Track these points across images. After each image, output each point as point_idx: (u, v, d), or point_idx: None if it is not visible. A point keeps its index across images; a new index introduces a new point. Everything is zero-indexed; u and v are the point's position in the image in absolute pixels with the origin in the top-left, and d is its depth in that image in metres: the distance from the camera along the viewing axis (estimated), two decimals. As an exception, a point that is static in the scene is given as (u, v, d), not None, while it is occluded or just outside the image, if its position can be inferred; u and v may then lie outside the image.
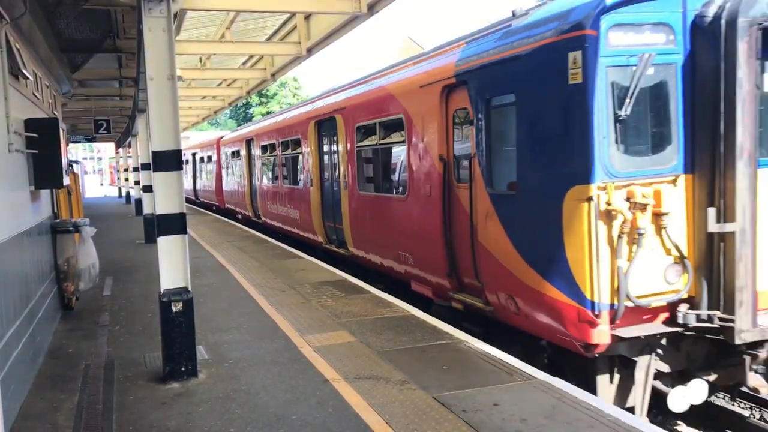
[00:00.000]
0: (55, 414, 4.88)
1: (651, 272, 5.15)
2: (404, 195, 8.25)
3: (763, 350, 5.09)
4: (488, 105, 6.30)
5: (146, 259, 12.26)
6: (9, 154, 5.28)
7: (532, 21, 5.86)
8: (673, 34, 5.16)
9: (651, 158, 5.22)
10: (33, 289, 6.06)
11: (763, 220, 4.96)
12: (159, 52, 5.34)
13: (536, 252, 5.64)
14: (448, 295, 7.32)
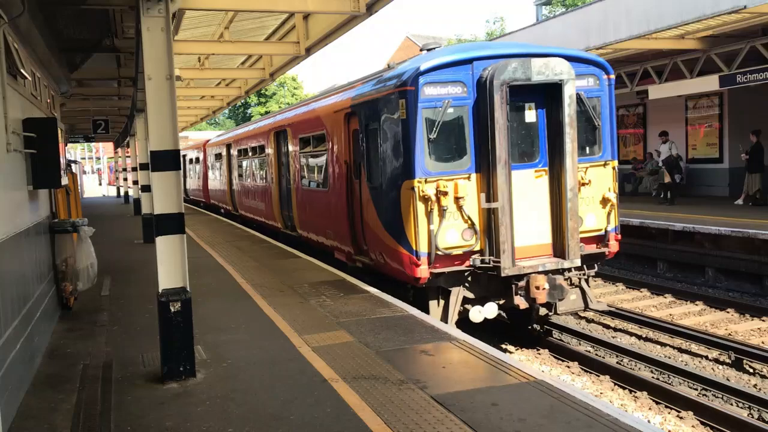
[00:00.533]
0: (53, 414, 4.87)
1: (452, 233, 7.82)
2: (326, 188, 10.96)
3: (522, 282, 7.77)
4: (367, 128, 9.06)
5: (144, 259, 12.25)
6: (7, 154, 5.27)
7: (388, 76, 8.70)
8: (465, 88, 7.88)
9: (453, 164, 7.94)
10: (31, 289, 6.06)
11: (515, 201, 7.71)
12: (157, 51, 5.33)
13: (390, 223, 8.35)
14: (353, 258, 9.86)
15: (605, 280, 12.81)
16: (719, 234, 12.17)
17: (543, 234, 8.01)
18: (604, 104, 8.36)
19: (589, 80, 8.29)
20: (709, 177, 18.76)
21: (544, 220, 8.03)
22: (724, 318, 9.94)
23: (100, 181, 61.64)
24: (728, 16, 12.22)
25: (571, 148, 7.72)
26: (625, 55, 16.63)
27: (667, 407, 6.80)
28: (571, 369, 8.09)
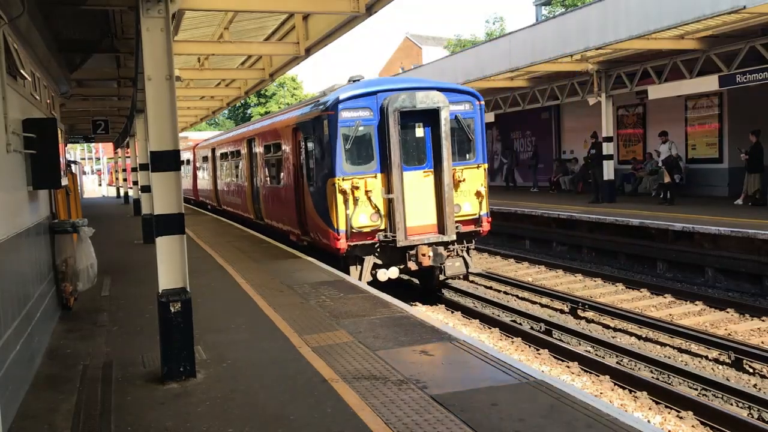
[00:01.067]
0: (53, 414, 4.87)
1: (363, 217, 10.49)
2: (282, 186, 13.71)
3: (413, 251, 10.48)
4: (306, 140, 11.87)
5: (144, 260, 12.25)
6: (7, 155, 5.27)
7: (319, 102, 11.62)
8: (372, 112, 10.59)
9: (363, 167, 10.58)
10: (31, 290, 6.06)
11: (409, 193, 10.43)
12: (157, 52, 5.33)
13: (321, 210, 11.05)
14: (301, 238, 12.70)
15: (605, 280, 12.82)
16: (719, 234, 12.17)
17: (429, 217, 10.77)
18: (477, 123, 11.15)
19: (465, 105, 11.10)
20: (708, 177, 18.77)
21: (430, 207, 10.77)
22: (723, 318, 9.95)
23: (100, 181, 61.62)
24: (728, 16, 12.22)
25: (447, 155, 10.49)
26: (624, 56, 16.64)
27: (667, 407, 6.80)
28: (571, 369, 8.10)
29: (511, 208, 18.57)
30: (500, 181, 28.47)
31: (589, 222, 15.55)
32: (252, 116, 61.76)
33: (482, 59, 19.51)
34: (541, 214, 17.22)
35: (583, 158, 21.40)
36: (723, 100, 18.04)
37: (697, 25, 13.14)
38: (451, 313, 11.09)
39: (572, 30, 15.59)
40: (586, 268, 14.13)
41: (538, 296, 11.91)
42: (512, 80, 20.57)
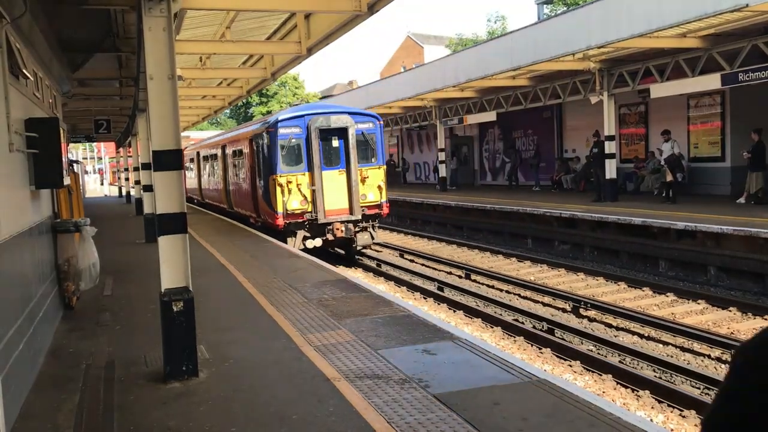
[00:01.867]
0: (56, 414, 4.88)
1: (295, 202, 14.42)
2: (244, 182, 18.03)
3: (330, 226, 14.54)
4: (258, 148, 16.07)
5: (147, 259, 12.26)
6: (9, 154, 5.27)
7: (267, 120, 16.31)
8: (301, 129, 14.69)
9: (295, 167, 14.58)
10: (34, 289, 6.06)
11: (327, 186, 14.48)
12: (159, 51, 5.33)
13: (267, 199, 15.13)
14: (256, 220, 17.02)
15: (607, 279, 12.81)
16: (721, 233, 12.15)
17: (342, 203, 14.86)
18: (377, 136, 15.41)
19: (369, 124, 15.38)
20: (711, 176, 18.74)
21: (343, 196, 14.86)
22: (726, 317, 9.93)
23: (102, 180, 61.67)
24: (730, 15, 12.20)
25: (354, 159, 14.70)
26: (626, 54, 16.62)
27: (669, 406, 6.79)
28: (573, 368, 8.09)
29: (513, 207, 18.56)
30: (502, 180, 28.46)
31: (591, 221, 15.54)
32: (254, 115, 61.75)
33: (484, 58, 19.49)
34: (543, 213, 17.21)
35: (585, 157, 21.39)
36: (725, 99, 18.01)
37: (699, 24, 13.11)
38: (453, 312, 11.10)
39: (574, 28, 15.58)
40: (588, 267, 14.12)
41: (540, 295, 11.90)
42: (514, 79, 20.55)
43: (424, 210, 24.08)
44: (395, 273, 14.69)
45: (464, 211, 21.41)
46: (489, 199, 21.59)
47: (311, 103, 26.89)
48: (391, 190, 28.10)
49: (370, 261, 16.43)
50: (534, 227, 17.96)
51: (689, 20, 12.60)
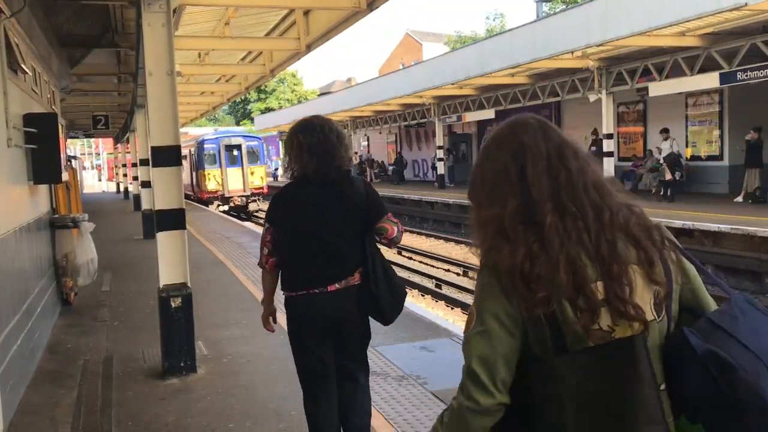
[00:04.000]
0: (54, 409, 4.88)
1: (213, 184, 27.46)
2: (188, 174, 29.33)
3: (232, 198, 26.61)
4: (194, 155, 28.45)
5: (145, 255, 12.25)
6: (8, 149, 5.26)
7: (199, 140, 29.03)
8: (216, 145, 27.17)
9: (214, 166, 27.26)
10: (31, 285, 6.06)
11: (229, 176, 26.68)
12: (158, 47, 5.32)
13: (199, 184, 27.78)
14: (194, 196, 27.73)
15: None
16: (719, 231, 12.18)
17: (239, 186, 26.28)
18: (261, 149, 28.01)
19: (255, 142, 28.25)
20: (709, 174, 18.77)
21: (240, 182, 26.34)
22: (723, 315, 9.95)
23: (99, 176, 61.60)
24: (729, 13, 12.20)
25: (245, 162, 26.58)
26: (625, 52, 16.63)
27: (666, 404, 6.81)
28: (571, 365, 8.10)
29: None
30: (500, 177, 28.44)
31: (589, 219, 15.53)
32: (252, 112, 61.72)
33: (483, 56, 19.48)
34: (541, 210, 17.21)
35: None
36: (723, 98, 18.03)
37: (698, 22, 13.12)
38: (451, 309, 11.11)
39: (573, 27, 15.56)
40: (586, 265, 14.14)
41: (538, 293, 11.92)
42: (513, 77, 20.54)
43: (422, 207, 24.09)
44: (393, 270, 14.69)
45: (462, 208, 21.42)
46: (487, 196, 21.57)
47: (223, 129, 38.88)
48: (391, 188, 28.42)
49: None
50: (532, 225, 17.95)
51: (688, 19, 12.60)
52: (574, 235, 1.37)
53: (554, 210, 1.38)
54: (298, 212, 3.19)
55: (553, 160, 1.42)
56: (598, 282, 1.34)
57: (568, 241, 1.36)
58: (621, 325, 1.34)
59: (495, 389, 1.45)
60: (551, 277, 1.33)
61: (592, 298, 1.33)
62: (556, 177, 1.40)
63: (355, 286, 3.20)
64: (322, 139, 3.16)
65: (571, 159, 1.43)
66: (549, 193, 1.39)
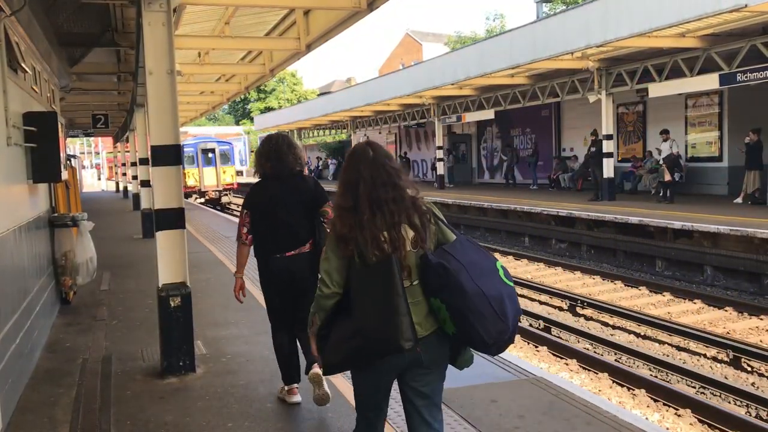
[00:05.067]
0: (53, 408, 4.88)
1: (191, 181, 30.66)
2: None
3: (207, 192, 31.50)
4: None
5: (144, 254, 12.26)
6: (7, 148, 5.26)
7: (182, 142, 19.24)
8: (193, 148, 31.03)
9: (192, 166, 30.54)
10: (31, 284, 6.06)
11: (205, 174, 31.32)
12: (158, 46, 5.32)
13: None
14: None
15: (604, 278, 12.83)
16: (718, 232, 12.18)
17: (213, 182, 30.77)
18: (232, 152, 32.94)
19: (227, 146, 32.49)
20: (708, 175, 18.78)
21: (214, 179, 30.79)
22: (722, 316, 9.96)
23: (99, 175, 61.56)
24: (729, 15, 12.21)
25: (218, 162, 30.94)
26: (625, 53, 16.63)
27: (665, 405, 6.82)
28: (570, 366, 8.12)
29: (511, 205, 18.58)
30: (500, 178, 28.48)
31: (588, 220, 15.56)
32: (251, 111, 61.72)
33: (483, 56, 19.49)
34: (541, 211, 17.23)
35: (583, 156, 21.41)
36: (723, 99, 18.04)
37: (698, 23, 13.12)
38: (450, 309, 11.11)
39: (573, 27, 15.57)
40: (585, 266, 14.15)
41: (536, 293, 11.92)
42: (513, 77, 20.54)
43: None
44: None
45: (461, 208, 21.43)
46: (486, 197, 21.61)
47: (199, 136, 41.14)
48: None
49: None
50: (531, 225, 17.98)
51: (688, 20, 12.61)
52: (378, 221, 2.64)
53: (369, 207, 2.65)
54: (264, 201, 4.44)
55: (373, 177, 2.69)
56: (385, 233, 2.64)
57: (372, 224, 2.64)
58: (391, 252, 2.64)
59: (331, 284, 2.71)
60: (361, 241, 2.63)
61: (380, 245, 2.63)
62: (373, 188, 2.67)
63: (306, 252, 4.44)
64: (275, 148, 4.41)
65: (383, 174, 2.69)
66: (367, 197, 2.66)
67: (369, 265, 2.63)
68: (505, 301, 2.57)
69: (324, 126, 41.98)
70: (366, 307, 2.63)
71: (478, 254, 2.66)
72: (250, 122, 60.18)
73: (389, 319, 2.57)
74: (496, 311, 2.53)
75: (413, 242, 2.66)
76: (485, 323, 2.53)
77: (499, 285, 2.59)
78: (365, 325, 2.62)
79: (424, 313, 2.66)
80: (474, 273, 2.56)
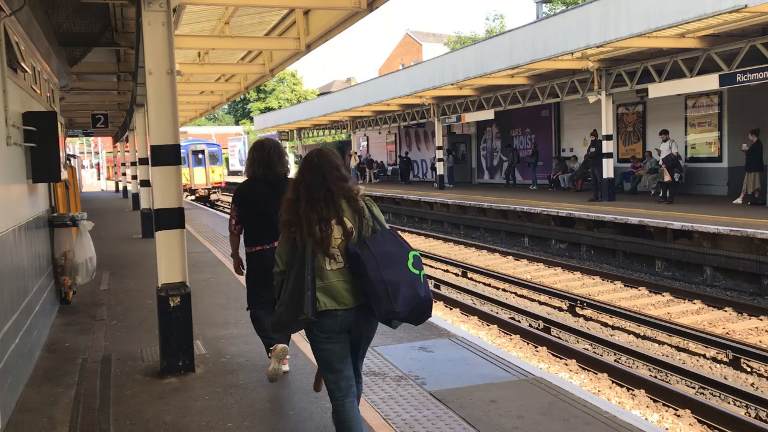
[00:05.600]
0: (52, 408, 4.88)
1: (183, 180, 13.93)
2: None
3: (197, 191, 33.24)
4: None
5: (143, 254, 12.26)
6: (7, 147, 5.26)
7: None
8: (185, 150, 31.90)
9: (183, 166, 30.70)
10: (30, 283, 6.05)
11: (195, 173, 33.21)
12: (158, 46, 5.32)
13: None
14: None
15: (603, 278, 12.83)
16: (718, 233, 12.19)
17: (203, 181, 32.64)
18: (220, 154, 34.35)
19: (215, 148, 34.45)
20: (708, 176, 18.79)
21: (204, 178, 32.64)
22: (722, 317, 9.97)
23: (98, 175, 61.56)
24: (729, 15, 12.21)
25: (207, 163, 32.81)
26: (625, 54, 16.64)
27: (664, 405, 6.82)
28: (569, 366, 8.12)
29: (510, 205, 18.58)
30: (500, 178, 28.48)
31: (588, 220, 15.56)
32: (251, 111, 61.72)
33: (483, 56, 19.49)
34: (540, 211, 17.24)
35: (583, 156, 21.42)
36: (723, 99, 18.05)
37: (698, 24, 13.13)
38: (450, 309, 11.11)
39: (573, 27, 15.57)
40: (584, 266, 14.14)
41: (536, 294, 11.92)
42: (512, 77, 20.55)
43: (422, 208, 24.10)
44: (392, 270, 14.68)
45: (461, 209, 21.43)
46: (486, 197, 21.61)
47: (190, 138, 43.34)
48: (390, 188, 28.80)
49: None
50: (531, 226, 17.98)
51: (688, 20, 12.61)
52: (312, 214, 3.24)
53: (306, 202, 3.26)
54: (251, 198, 5.05)
55: (312, 180, 3.30)
56: (317, 226, 3.22)
57: (307, 216, 3.24)
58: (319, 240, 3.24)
59: (281, 263, 3.37)
60: (300, 227, 3.24)
61: (311, 233, 3.22)
62: (310, 188, 3.29)
63: None
64: (266, 156, 5.00)
65: (320, 178, 3.29)
66: (305, 194, 3.28)
67: (298, 248, 3.27)
68: (401, 287, 3.13)
69: (324, 126, 41.99)
70: (288, 281, 3.29)
71: (394, 246, 3.25)
72: (249, 122, 60.18)
73: (298, 292, 3.22)
74: (389, 295, 3.11)
75: (345, 234, 3.26)
76: (379, 304, 3.15)
77: (401, 273, 3.16)
78: (284, 296, 3.30)
79: (351, 289, 3.27)
80: (381, 262, 3.15)
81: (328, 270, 3.24)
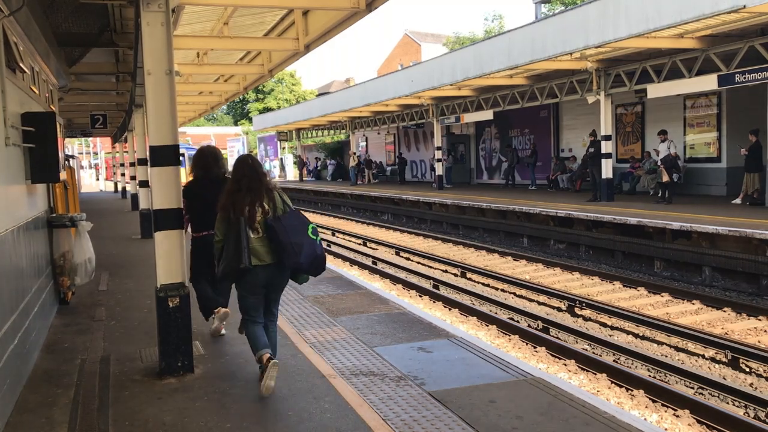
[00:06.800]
0: (51, 408, 4.87)
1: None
2: None
3: None
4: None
5: (142, 254, 12.26)
6: (6, 148, 5.26)
7: None
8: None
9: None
10: (29, 284, 6.05)
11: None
12: (157, 46, 5.32)
13: None
14: None
15: (602, 278, 12.84)
16: (716, 233, 12.20)
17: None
18: None
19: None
20: (706, 176, 18.80)
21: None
22: (720, 317, 9.97)
23: (97, 176, 61.53)
24: (727, 16, 12.23)
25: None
26: (623, 54, 16.65)
27: (663, 405, 6.82)
28: (568, 367, 8.12)
29: (509, 205, 18.59)
30: (499, 178, 28.50)
31: (587, 220, 15.57)
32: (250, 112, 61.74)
33: (481, 57, 19.50)
34: (539, 212, 17.24)
35: (582, 156, 21.44)
36: (722, 100, 18.06)
37: (696, 24, 13.14)
38: (449, 310, 11.11)
39: (572, 28, 15.58)
40: (583, 267, 14.15)
41: (535, 294, 11.93)
42: (511, 78, 20.57)
43: (420, 208, 24.10)
44: (391, 271, 14.71)
45: (460, 209, 21.44)
46: (485, 197, 21.62)
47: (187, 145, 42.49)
48: (390, 188, 28.81)
49: (365, 259, 16.46)
50: (530, 226, 17.99)
51: (686, 21, 12.62)
52: (246, 198, 4.84)
53: (248, 189, 4.88)
54: (195, 194, 6.17)
55: (249, 175, 4.94)
56: (246, 208, 4.81)
57: (242, 200, 4.84)
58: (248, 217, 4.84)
59: (221, 236, 4.90)
60: (234, 209, 4.83)
61: (243, 211, 4.82)
62: (248, 180, 4.91)
63: None
64: (204, 160, 6.27)
65: (253, 173, 4.95)
66: (246, 185, 4.89)
67: (233, 222, 4.79)
68: (304, 246, 4.76)
69: (323, 126, 42.00)
70: (229, 245, 4.81)
71: (297, 220, 4.88)
72: (248, 123, 60.17)
73: (238, 250, 4.76)
74: (295, 252, 4.74)
75: (264, 213, 4.84)
76: (288, 258, 4.79)
77: (304, 238, 4.80)
78: (227, 254, 4.81)
79: (268, 251, 4.86)
80: (290, 231, 4.77)
81: (253, 237, 4.81)
